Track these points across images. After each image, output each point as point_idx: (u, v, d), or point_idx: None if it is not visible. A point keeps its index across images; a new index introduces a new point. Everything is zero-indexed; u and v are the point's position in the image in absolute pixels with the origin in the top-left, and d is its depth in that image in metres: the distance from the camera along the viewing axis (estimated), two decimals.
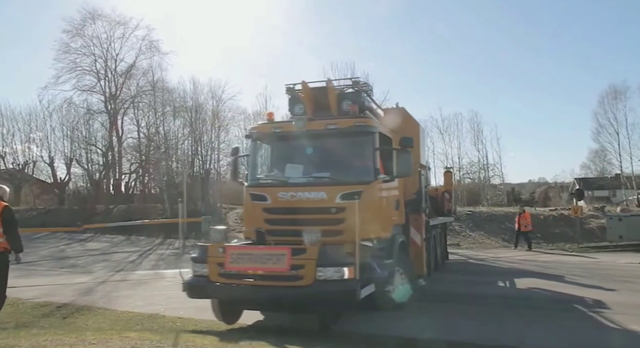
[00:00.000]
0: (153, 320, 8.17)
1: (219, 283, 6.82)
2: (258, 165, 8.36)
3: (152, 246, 21.96)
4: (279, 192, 7.54)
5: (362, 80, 8.95)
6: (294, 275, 6.45)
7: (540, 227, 25.14)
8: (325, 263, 6.42)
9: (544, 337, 6.97)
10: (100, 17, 38.02)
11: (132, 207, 31.31)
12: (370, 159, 7.62)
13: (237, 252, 6.84)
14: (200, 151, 31.93)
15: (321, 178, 7.64)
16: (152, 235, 25.38)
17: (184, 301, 10.11)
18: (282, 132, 8.12)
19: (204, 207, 28.57)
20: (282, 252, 6.53)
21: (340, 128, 7.72)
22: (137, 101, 37.44)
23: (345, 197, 7.21)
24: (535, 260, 16.50)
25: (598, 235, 23.91)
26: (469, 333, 7.11)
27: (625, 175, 38.59)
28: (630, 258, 16.20)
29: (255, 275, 6.68)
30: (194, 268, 7.23)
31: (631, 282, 11.87)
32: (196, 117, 32.28)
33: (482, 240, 23.21)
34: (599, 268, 14.15)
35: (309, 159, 7.97)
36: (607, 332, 7.39)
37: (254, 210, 7.79)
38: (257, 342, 5.87)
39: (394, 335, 7.09)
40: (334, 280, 6.37)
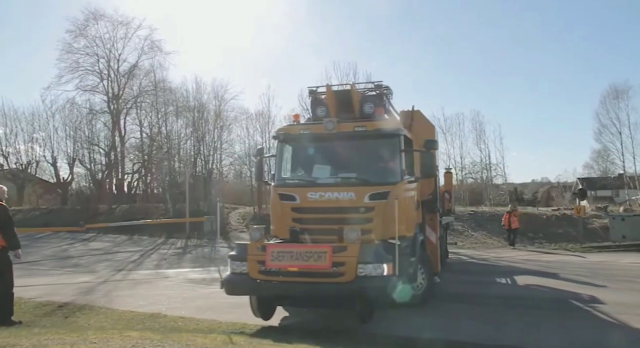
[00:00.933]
0: (154, 320, 8.19)
1: (259, 280, 7.05)
2: (285, 166, 8.47)
3: (155, 246, 22.01)
4: (308, 192, 7.71)
5: (383, 83, 9.15)
6: (335, 272, 6.69)
7: (543, 227, 25.13)
8: (366, 260, 6.67)
9: (546, 337, 6.97)
10: (102, 17, 38.20)
11: (135, 206, 31.41)
12: (397, 160, 7.86)
13: (278, 250, 7.02)
14: (203, 151, 31.99)
15: (349, 179, 7.85)
16: (155, 234, 25.46)
17: (185, 301, 10.26)
18: (310, 134, 8.22)
19: (206, 206, 28.61)
20: (323, 249, 6.75)
21: (368, 130, 7.89)
22: (139, 101, 37.56)
23: (373, 197, 7.43)
24: (537, 260, 16.47)
25: (601, 235, 23.81)
26: (471, 333, 7.12)
27: (628, 175, 38.42)
28: (633, 258, 16.17)
29: (297, 272, 6.86)
30: (233, 266, 7.41)
31: (634, 281, 11.87)
32: (199, 116, 32.32)
33: (485, 240, 23.17)
34: (602, 269, 14.10)
35: (337, 160, 8.20)
36: (609, 332, 7.39)
37: (282, 210, 7.92)
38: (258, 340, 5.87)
39: (396, 334, 7.10)
40: (374, 276, 6.65)
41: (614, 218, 23.73)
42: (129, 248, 21.01)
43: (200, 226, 25.47)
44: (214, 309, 9.24)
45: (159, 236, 25.13)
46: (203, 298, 10.66)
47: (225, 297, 10.50)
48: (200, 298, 10.60)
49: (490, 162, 36.10)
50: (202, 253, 19.44)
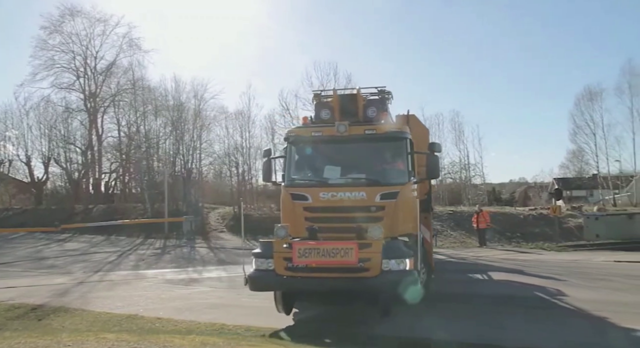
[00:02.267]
0: (132, 321, 8.05)
1: (286, 276, 7.33)
2: (296, 167, 8.66)
3: (133, 246, 21.69)
4: (320, 192, 7.98)
5: (386, 88, 9.37)
6: (361, 267, 7.08)
7: (520, 227, 25.55)
8: (390, 256, 7.09)
9: (537, 337, 7.02)
10: (79, 14, 37.50)
11: (112, 206, 30.93)
12: (405, 161, 8.25)
13: (305, 247, 7.23)
14: (182, 150, 31.63)
15: (360, 180, 8.19)
16: (133, 235, 25.12)
17: (164, 301, 10.13)
18: (322, 136, 8.45)
19: (185, 206, 28.33)
20: (350, 246, 7.05)
21: (378, 133, 8.29)
22: (117, 100, 36.95)
23: (384, 197, 7.78)
24: (514, 259, 16.71)
25: (576, 234, 24.29)
26: (459, 332, 7.15)
27: (602, 175, 39.29)
28: (606, 256, 16.51)
29: (323, 268, 7.13)
30: (257, 263, 7.63)
31: (608, 280, 12.10)
32: (178, 116, 31.93)
33: (463, 239, 23.45)
34: (577, 267, 14.37)
35: (347, 161, 8.48)
36: (588, 329, 7.53)
37: (294, 209, 8.13)
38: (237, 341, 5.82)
39: (390, 335, 7.11)
40: (398, 270, 7.08)
41: (588, 218, 24.31)
42: (107, 249, 20.64)
43: (179, 226, 25.24)
44: (193, 310, 9.15)
45: (137, 236, 24.79)
46: (181, 298, 10.56)
47: (204, 298, 10.59)
48: (179, 299, 10.48)
49: (469, 162, 36.53)
50: (181, 254, 19.24)
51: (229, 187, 31.33)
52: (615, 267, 14.44)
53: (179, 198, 29.17)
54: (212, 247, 21.21)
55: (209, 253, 19.30)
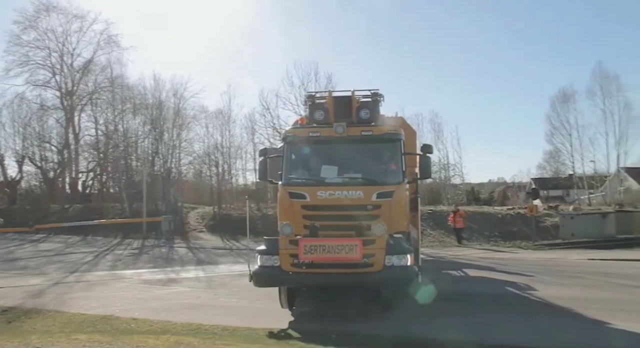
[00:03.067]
0: (106, 322, 7.92)
1: (292, 272, 7.57)
2: (293, 166, 8.83)
3: (110, 246, 21.32)
4: (318, 190, 8.20)
5: (379, 91, 9.54)
6: (365, 263, 7.37)
7: (499, 226, 25.83)
8: (392, 252, 7.45)
9: (534, 335, 7.13)
10: (55, 10, 36.73)
11: (89, 206, 30.39)
12: (399, 162, 8.53)
13: (311, 243, 7.49)
14: (161, 149, 31.21)
15: (356, 179, 8.42)
16: (110, 235, 24.72)
17: (140, 302, 10.01)
18: (320, 137, 8.66)
19: (164, 206, 27.98)
20: (354, 242, 7.38)
21: (374, 135, 8.57)
22: (95, 98, 36.27)
23: (380, 196, 8.05)
24: (492, 257, 16.92)
25: (552, 233, 24.65)
26: (448, 330, 7.26)
27: (578, 176, 40.09)
28: (580, 255, 16.82)
29: (329, 263, 7.42)
30: (262, 260, 7.82)
31: (581, 277, 12.38)
32: (157, 114, 31.51)
33: (442, 239, 23.63)
34: (553, 265, 14.61)
35: (344, 161, 8.67)
36: (565, 326, 7.72)
37: (292, 207, 8.29)
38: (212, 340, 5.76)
39: (390, 334, 7.15)
40: (399, 266, 7.44)
41: (564, 217, 24.83)
42: (83, 249, 20.25)
43: (158, 226, 24.94)
44: (170, 310, 9.06)
45: (114, 237, 24.40)
46: (159, 299, 10.44)
47: (181, 298, 10.47)
48: (156, 299, 10.36)
49: (448, 162, 36.86)
50: (159, 254, 18.98)
51: (209, 186, 30.98)
52: (589, 264, 14.75)
53: (157, 198, 28.78)
54: (191, 247, 20.99)
55: (187, 253, 19.09)
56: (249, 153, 31.34)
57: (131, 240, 23.29)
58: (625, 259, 15.49)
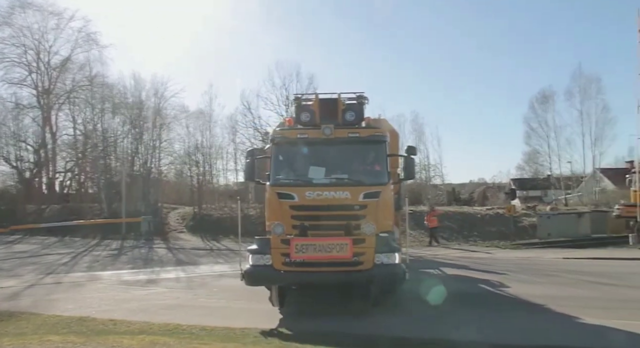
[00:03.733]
0: (82, 323, 7.82)
1: (283, 271, 7.74)
2: (281, 167, 8.95)
3: (88, 247, 21.05)
4: (306, 191, 8.33)
5: (364, 94, 9.70)
6: (356, 261, 7.62)
7: (478, 225, 26.20)
8: (382, 250, 7.70)
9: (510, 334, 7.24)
10: (30, 6, 35.81)
11: (67, 207, 29.87)
12: (385, 163, 8.76)
13: (302, 243, 7.69)
14: (141, 149, 30.90)
15: (343, 180, 8.61)
16: (88, 236, 24.40)
17: (118, 303, 9.92)
18: (308, 138, 8.80)
19: (144, 206, 27.68)
20: (344, 242, 7.62)
21: (361, 137, 8.79)
22: (72, 96, 35.65)
23: (367, 196, 8.25)
24: (469, 257, 17.19)
25: (530, 232, 25.08)
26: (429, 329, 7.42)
27: (556, 176, 40.82)
28: (555, 254, 17.17)
29: (320, 262, 7.62)
30: (254, 259, 7.96)
31: (555, 275, 12.67)
32: (137, 114, 31.16)
33: (423, 239, 23.84)
34: (528, 264, 14.93)
35: (331, 162, 8.86)
36: (536, 322, 7.90)
37: (280, 207, 8.42)
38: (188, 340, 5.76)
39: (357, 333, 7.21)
40: (388, 264, 7.70)
41: (541, 217, 25.29)
42: (59, 251, 19.91)
43: (137, 227, 24.69)
44: (148, 311, 9.01)
45: (92, 237, 24.09)
46: (137, 300, 10.38)
47: (160, 299, 10.41)
48: (134, 300, 10.30)
49: (429, 162, 37.22)
50: (139, 255, 18.80)
51: (190, 187, 30.74)
52: (563, 263, 15.06)
53: (137, 198, 28.46)
54: (170, 248, 20.84)
55: (167, 254, 18.95)
56: (230, 153, 31.22)
57: (110, 241, 23.01)
58: (598, 258, 15.89)
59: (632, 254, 16.42)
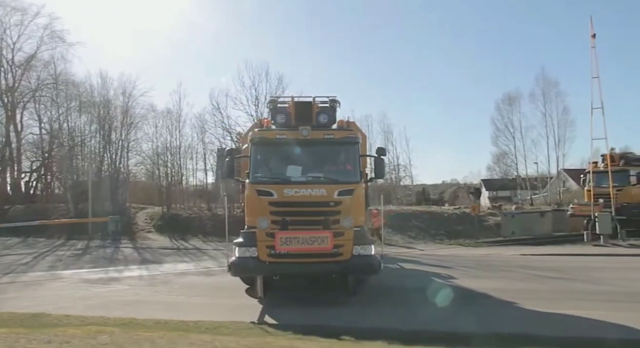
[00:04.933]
0: (36, 319, 7.79)
1: (268, 262, 8.37)
2: (260, 166, 9.33)
3: (52, 247, 20.65)
4: (285, 188, 8.77)
5: (337, 98, 10.21)
6: (336, 253, 8.34)
7: (445, 225, 26.72)
8: (359, 243, 8.43)
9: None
10: None
11: (32, 207, 29.19)
12: (357, 163, 9.30)
13: (286, 236, 8.32)
14: (109, 149, 30.48)
15: (319, 178, 9.09)
16: (54, 236, 23.94)
17: (76, 300, 9.92)
18: (286, 139, 9.31)
19: (112, 206, 27.32)
20: (325, 235, 8.30)
21: (336, 138, 9.37)
22: (38, 95, 34.86)
23: (341, 193, 8.75)
24: (432, 254, 17.59)
25: (495, 231, 25.74)
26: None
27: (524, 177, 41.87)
28: (514, 251, 17.70)
29: (303, 254, 8.29)
30: (240, 251, 8.50)
31: (509, 270, 13.13)
32: (105, 113, 30.73)
33: (390, 237, 24.12)
34: (486, 261, 15.38)
35: (308, 161, 9.29)
36: (476, 311, 8.28)
37: (260, 204, 8.81)
38: (134, 329, 5.86)
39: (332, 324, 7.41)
40: (365, 255, 8.42)
41: (505, 216, 26.05)
42: (21, 251, 19.47)
43: (105, 227, 24.35)
44: (106, 307, 9.03)
45: (57, 238, 23.64)
46: (96, 297, 10.36)
47: (120, 296, 10.44)
48: (94, 297, 10.29)
49: (398, 163, 37.76)
50: (103, 254, 18.56)
51: (158, 187, 30.44)
52: (519, 259, 15.55)
53: (105, 198, 28.06)
54: (137, 247, 20.64)
55: (133, 253, 18.79)
56: (199, 153, 31.03)
57: (75, 241, 22.63)
58: (553, 254, 16.51)
59: (585, 250, 17.12)
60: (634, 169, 21.01)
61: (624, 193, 20.55)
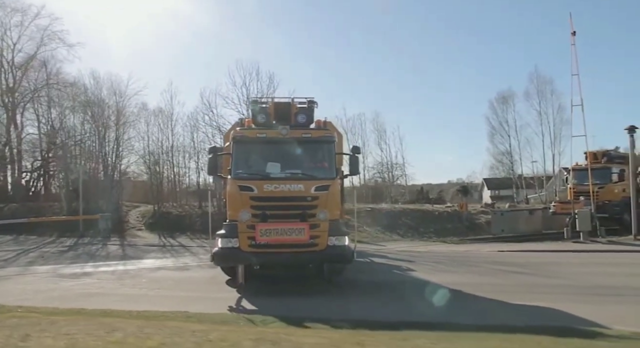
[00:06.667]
0: None
1: (249, 252, 8.91)
2: (241, 163, 9.78)
3: (40, 244, 20.98)
4: (265, 184, 9.24)
5: (314, 99, 10.78)
6: (312, 243, 8.91)
7: (434, 223, 26.83)
8: (334, 234, 9.02)
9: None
10: None
11: (27, 205, 29.59)
12: (333, 161, 9.86)
13: (266, 228, 8.91)
14: (104, 148, 30.83)
15: (297, 174, 9.55)
16: (45, 234, 24.26)
17: (39, 293, 10.19)
18: (266, 137, 9.82)
19: (105, 205, 27.67)
20: (302, 227, 8.90)
21: (313, 137, 9.91)
22: (38, 95, 35.37)
23: (318, 189, 9.26)
24: (411, 250, 17.66)
25: (485, 229, 25.80)
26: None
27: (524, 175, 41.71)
28: (493, 247, 17.74)
29: (281, 244, 8.89)
30: (223, 242, 9.06)
31: (477, 265, 13.26)
32: (99, 113, 31.11)
33: (377, 235, 24.32)
34: (460, 257, 15.41)
35: (286, 159, 9.81)
36: (456, 305, 8.50)
37: (241, 199, 9.26)
38: (75, 317, 6.02)
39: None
40: (339, 245, 9.02)
41: (495, 214, 26.06)
42: (8, 248, 19.74)
43: (96, 225, 24.69)
44: (64, 299, 9.29)
45: (49, 235, 23.99)
46: (61, 290, 10.62)
47: (84, 289, 10.70)
48: (58, 290, 10.55)
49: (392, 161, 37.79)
50: (88, 251, 18.87)
51: (151, 185, 30.75)
52: (494, 255, 15.55)
53: (98, 196, 28.44)
54: (123, 244, 20.93)
55: (117, 250, 19.05)
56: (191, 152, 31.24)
57: (66, 239, 22.98)
58: (529, 250, 16.56)
59: (561, 247, 17.17)
60: (616, 167, 20.94)
61: (606, 191, 20.51)
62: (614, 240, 17.90)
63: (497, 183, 54.89)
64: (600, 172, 20.55)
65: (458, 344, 5.31)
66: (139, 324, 5.40)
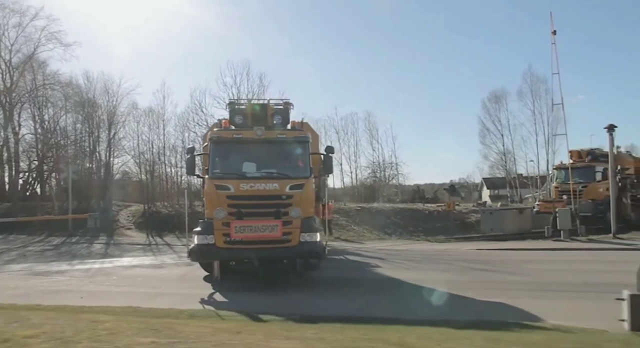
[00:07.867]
0: None
1: (224, 248, 9.27)
2: (218, 163, 10.06)
3: (27, 243, 21.20)
4: (241, 183, 9.55)
5: (290, 100, 11.20)
6: (285, 239, 9.27)
7: (424, 221, 26.89)
8: (306, 230, 9.36)
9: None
10: None
11: (20, 204, 29.97)
12: (307, 160, 10.08)
13: (240, 224, 9.22)
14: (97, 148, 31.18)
15: (272, 174, 9.91)
16: (35, 233, 24.47)
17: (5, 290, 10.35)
18: (242, 138, 10.12)
19: (96, 204, 27.93)
20: (275, 223, 9.25)
21: (288, 137, 10.27)
22: (34, 95, 35.68)
23: (292, 188, 9.54)
24: (389, 249, 17.70)
25: (475, 228, 25.80)
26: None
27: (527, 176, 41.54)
28: (472, 245, 17.78)
29: (255, 240, 9.20)
30: (199, 239, 9.41)
31: (450, 263, 13.32)
32: (92, 112, 31.40)
33: (364, 233, 24.37)
34: (436, 255, 15.45)
35: (262, 159, 10.19)
36: (396, 299, 8.73)
37: (218, 197, 9.54)
38: (32, 310, 6.13)
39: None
40: (311, 241, 9.38)
41: (484, 213, 26.06)
42: None
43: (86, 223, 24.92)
44: (28, 296, 9.45)
45: (39, 234, 24.22)
46: (28, 287, 10.76)
47: (51, 286, 10.86)
48: (25, 287, 10.69)
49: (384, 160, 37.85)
50: (72, 249, 19.06)
51: (142, 184, 30.97)
52: (470, 253, 15.63)
53: (90, 196, 28.71)
54: (109, 243, 21.11)
55: (101, 249, 19.23)
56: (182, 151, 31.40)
57: (54, 238, 23.20)
58: (506, 249, 16.59)
59: (539, 245, 17.21)
60: (600, 165, 20.85)
61: (590, 190, 20.45)
62: (594, 238, 17.85)
63: (496, 182, 54.77)
64: (584, 170, 20.49)
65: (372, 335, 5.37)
66: (53, 316, 5.53)
